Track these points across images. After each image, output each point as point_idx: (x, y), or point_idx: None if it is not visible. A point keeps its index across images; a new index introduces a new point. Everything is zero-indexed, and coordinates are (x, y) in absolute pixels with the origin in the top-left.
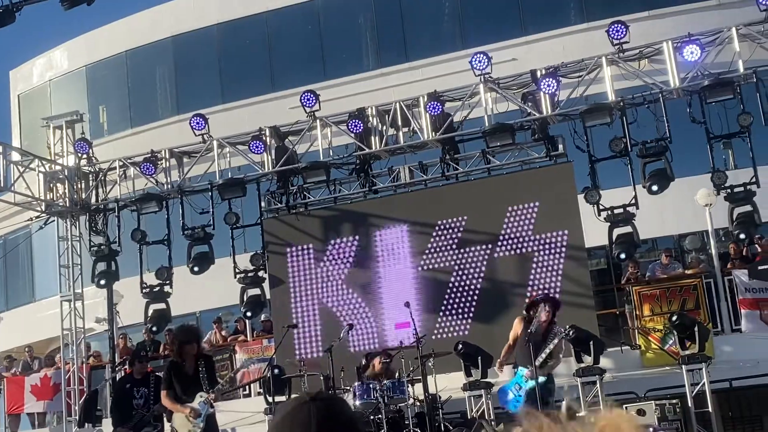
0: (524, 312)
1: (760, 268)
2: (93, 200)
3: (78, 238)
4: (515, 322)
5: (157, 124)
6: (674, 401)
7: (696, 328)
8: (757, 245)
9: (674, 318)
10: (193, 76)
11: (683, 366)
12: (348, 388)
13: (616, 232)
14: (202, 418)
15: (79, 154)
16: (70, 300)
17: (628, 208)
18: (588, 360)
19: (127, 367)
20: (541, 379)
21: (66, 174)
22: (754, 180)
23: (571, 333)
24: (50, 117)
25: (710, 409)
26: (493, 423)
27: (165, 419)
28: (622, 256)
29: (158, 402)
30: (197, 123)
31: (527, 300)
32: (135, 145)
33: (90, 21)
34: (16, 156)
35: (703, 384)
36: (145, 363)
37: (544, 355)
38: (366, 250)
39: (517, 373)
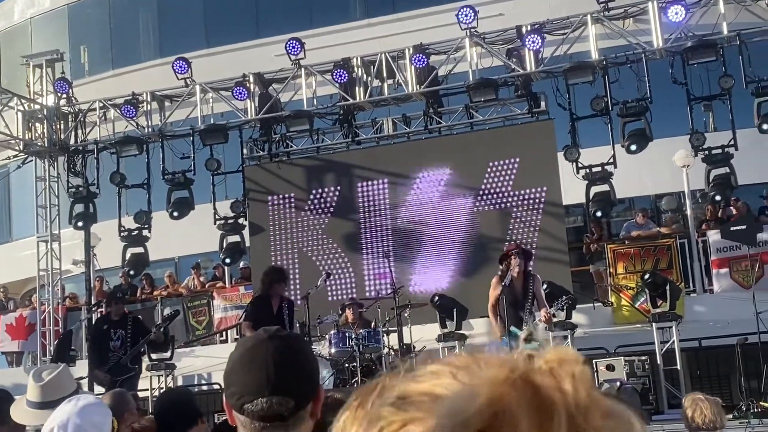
0: (499, 264)
1: (732, 228)
2: (72, 141)
3: (56, 179)
4: (492, 282)
5: (139, 67)
6: (643, 358)
7: (667, 287)
8: (732, 207)
9: (646, 276)
10: (177, 19)
11: (653, 324)
12: (324, 336)
13: (594, 190)
14: None
15: (59, 94)
16: (47, 241)
17: (606, 167)
18: (560, 315)
19: (103, 309)
20: (535, 344)
21: (45, 114)
22: (732, 143)
23: (565, 305)
24: (30, 55)
25: (679, 367)
26: None
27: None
28: (599, 213)
29: (135, 344)
30: (180, 67)
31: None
32: (116, 87)
33: None
34: None
35: (673, 342)
36: (121, 305)
37: (536, 324)
38: (347, 201)
39: (511, 331)
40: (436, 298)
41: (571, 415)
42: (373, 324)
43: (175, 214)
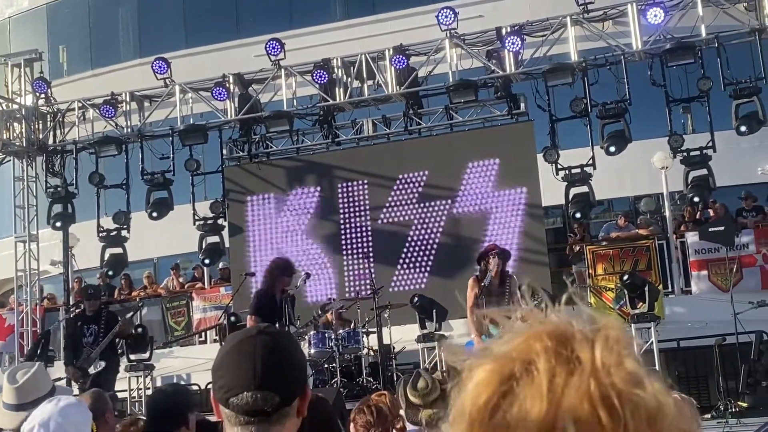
0: (476, 265)
1: (710, 230)
2: (50, 141)
3: (34, 179)
4: (470, 283)
5: (119, 67)
6: None
7: (646, 288)
8: (710, 209)
9: (625, 277)
10: (157, 19)
11: (632, 324)
12: (304, 336)
13: (573, 191)
14: None
15: (38, 94)
16: (24, 241)
17: (585, 168)
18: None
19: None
20: None
21: (23, 113)
22: (710, 144)
23: (542, 301)
24: (9, 55)
25: (657, 368)
26: (443, 372)
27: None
28: (578, 215)
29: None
30: (159, 67)
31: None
32: (95, 87)
33: None
34: None
35: (651, 343)
36: (95, 301)
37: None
38: (327, 202)
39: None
40: (416, 298)
41: (596, 372)
42: (352, 324)
43: (154, 214)
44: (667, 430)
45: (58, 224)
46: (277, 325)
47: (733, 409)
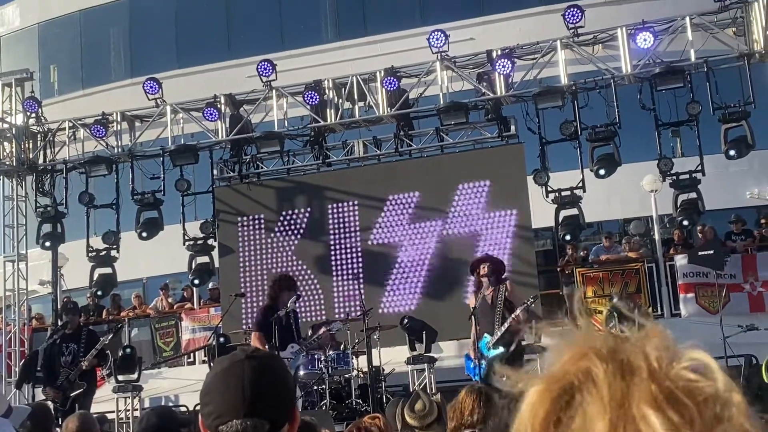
0: (471, 275)
1: (700, 253)
2: (40, 160)
3: (24, 198)
4: (470, 299)
5: (110, 87)
6: None
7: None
8: (699, 233)
9: (614, 300)
10: (149, 39)
11: None
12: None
13: (563, 213)
14: (290, 366)
15: (28, 113)
16: (13, 261)
17: (575, 191)
18: (530, 337)
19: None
20: (501, 349)
21: (14, 133)
22: (699, 168)
23: (531, 304)
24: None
25: None
26: (434, 393)
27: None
28: (568, 237)
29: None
30: (151, 87)
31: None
32: (86, 107)
33: None
34: None
35: None
36: (75, 316)
37: (503, 328)
38: (317, 222)
39: (482, 340)
40: (406, 320)
41: (654, 373)
42: (342, 346)
43: (144, 234)
44: (738, 416)
45: (48, 244)
46: (290, 345)
47: None
